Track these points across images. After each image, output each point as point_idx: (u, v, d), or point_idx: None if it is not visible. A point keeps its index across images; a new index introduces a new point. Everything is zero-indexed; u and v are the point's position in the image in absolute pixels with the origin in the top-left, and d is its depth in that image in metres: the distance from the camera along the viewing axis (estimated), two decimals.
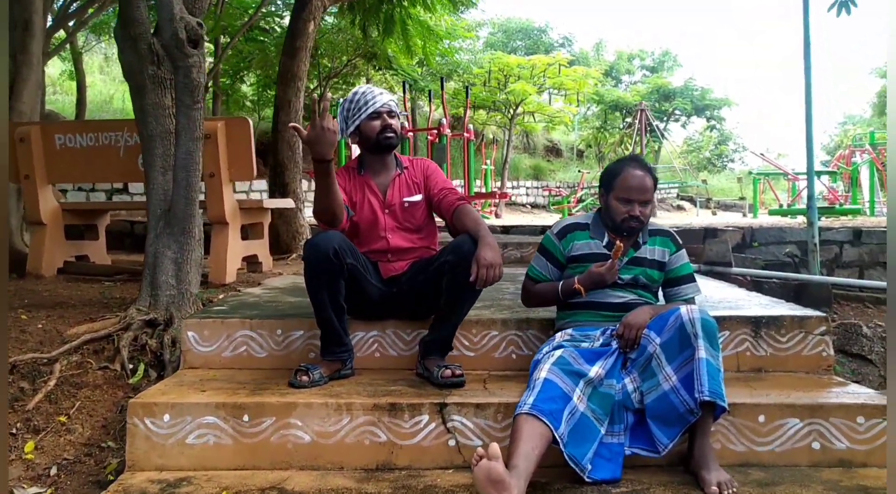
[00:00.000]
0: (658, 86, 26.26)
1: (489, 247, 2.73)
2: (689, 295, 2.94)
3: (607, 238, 2.90)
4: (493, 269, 2.68)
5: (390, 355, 3.18)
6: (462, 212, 3.01)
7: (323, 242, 2.79)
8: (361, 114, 3.08)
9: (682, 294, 2.94)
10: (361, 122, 3.09)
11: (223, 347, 3.18)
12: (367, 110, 3.07)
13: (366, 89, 3.14)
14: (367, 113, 3.07)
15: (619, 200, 2.83)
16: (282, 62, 7.07)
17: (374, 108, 3.07)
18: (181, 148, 3.79)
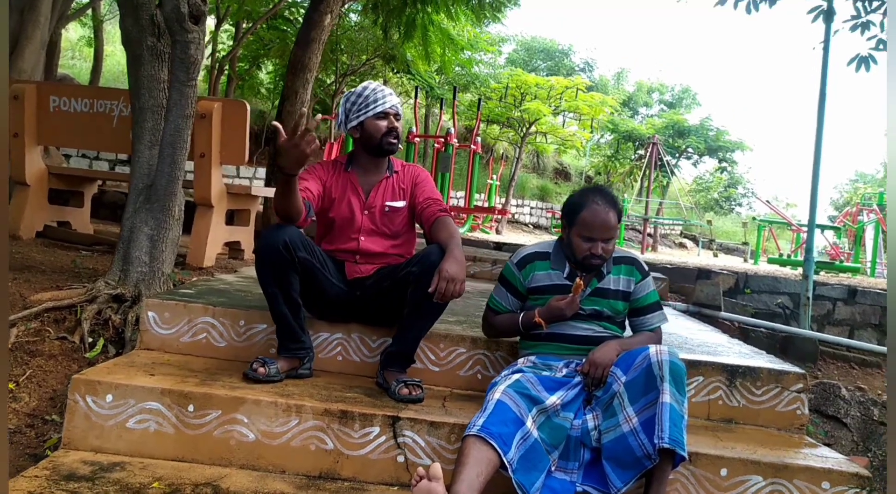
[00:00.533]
0: (674, 122, 26.19)
1: (454, 261, 2.62)
2: (655, 325, 2.85)
3: (568, 269, 2.77)
4: (453, 284, 2.57)
5: (353, 360, 3.08)
6: (440, 224, 2.91)
7: (274, 234, 2.71)
8: (368, 111, 2.98)
9: (648, 324, 2.84)
10: (367, 119, 2.99)
11: (182, 332, 3.08)
12: (376, 108, 2.98)
13: (376, 86, 3.05)
14: (375, 111, 2.98)
15: (581, 237, 2.68)
16: (294, 52, 6.99)
17: (382, 108, 2.98)
18: (170, 124, 3.70)
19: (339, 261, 3.03)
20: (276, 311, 2.80)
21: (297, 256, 2.74)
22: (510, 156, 22.48)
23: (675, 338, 3.71)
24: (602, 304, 2.77)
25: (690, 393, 3.03)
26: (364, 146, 3.04)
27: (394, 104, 3.01)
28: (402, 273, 2.82)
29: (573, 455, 2.47)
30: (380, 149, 3.02)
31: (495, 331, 2.96)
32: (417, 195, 3.05)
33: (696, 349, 3.41)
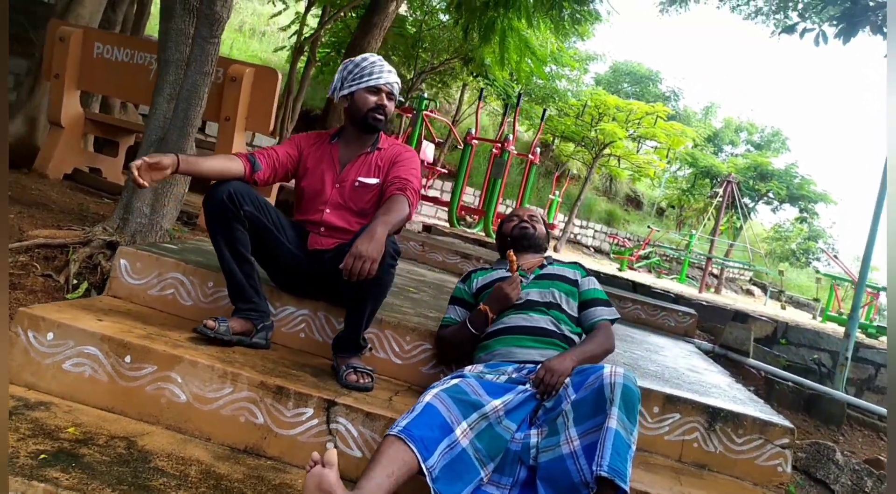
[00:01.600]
0: (757, 164, 25.28)
1: (368, 238, 2.43)
2: (605, 318, 2.75)
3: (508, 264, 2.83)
4: (360, 261, 2.38)
5: (315, 339, 2.96)
6: (388, 201, 2.73)
7: (219, 186, 2.65)
8: (361, 83, 2.86)
9: (595, 316, 2.77)
10: (357, 91, 2.88)
11: (151, 284, 3.02)
12: (369, 81, 2.86)
13: (376, 60, 2.93)
14: (368, 84, 2.86)
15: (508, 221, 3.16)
16: (354, 35, 6.98)
17: (375, 82, 2.86)
18: (188, 79, 3.67)
19: (304, 231, 2.92)
20: (224, 266, 2.72)
21: (242, 209, 2.65)
22: (582, 176, 22.12)
23: (670, 372, 3.46)
24: (548, 285, 2.78)
25: (663, 431, 2.81)
26: (351, 118, 2.93)
27: (389, 82, 2.88)
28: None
29: (509, 470, 2.28)
30: (364, 123, 2.90)
31: (448, 347, 2.85)
32: (389, 173, 2.90)
33: (684, 385, 3.16)
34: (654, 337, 5.01)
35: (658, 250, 21.81)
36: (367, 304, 2.65)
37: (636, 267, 19.35)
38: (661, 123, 18.89)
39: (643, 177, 23.04)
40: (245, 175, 2.76)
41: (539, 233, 3.03)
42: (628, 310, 5.67)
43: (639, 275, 16.05)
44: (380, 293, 2.67)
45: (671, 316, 5.63)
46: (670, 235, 23.94)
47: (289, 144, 2.97)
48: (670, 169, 27.69)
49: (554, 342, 2.63)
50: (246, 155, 2.80)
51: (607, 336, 2.68)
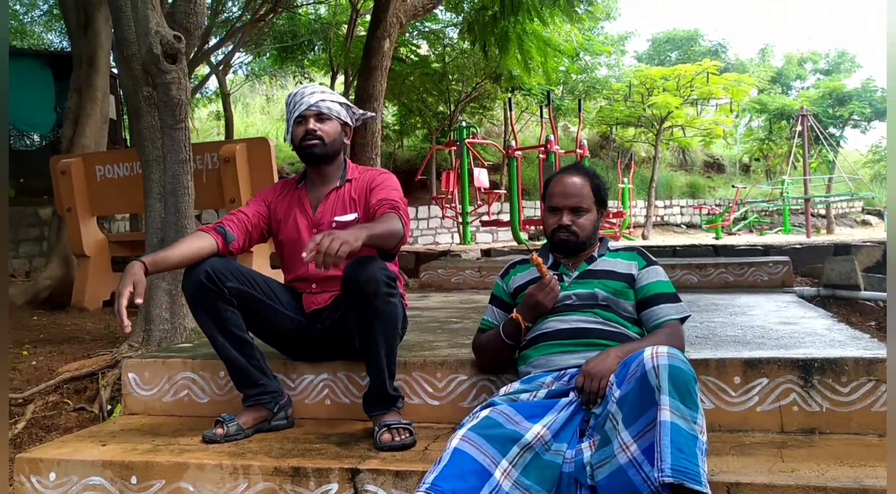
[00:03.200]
0: (831, 90, 23.79)
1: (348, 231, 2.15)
2: (672, 317, 2.27)
3: (552, 259, 2.38)
4: (330, 240, 2.05)
5: (342, 402, 2.69)
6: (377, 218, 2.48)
7: (195, 268, 2.42)
8: (291, 120, 2.65)
9: (662, 315, 2.28)
10: (292, 129, 2.65)
11: (164, 391, 2.83)
12: (294, 114, 2.63)
13: (298, 91, 2.67)
14: (294, 117, 2.63)
15: (548, 211, 2.38)
16: (358, 83, 6.85)
17: (298, 112, 2.61)
18: (168, 172, 3.56)
19: (297, 293, 2.67)
20: (220, 353, 2.49)
21: (226, 287, 2.42)
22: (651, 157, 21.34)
23: (754, 332, 3.01)
24: (591, 285, 2.31)
25: (753, 402, 2.37)
26: (297, 153, 2.70)
27: (311, 104, 2.60)
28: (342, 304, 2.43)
29: None
30: (302, 155, 2.66)
31: (482, 354, 2.51)
32: (371, 200, 2.62)
33: (769, 343, 2.71)
34: (745, 297, 4.50)
35: (753, 207, 20.67)
36: (379, 345, 2.36)
37: (734, 232, 18.34)
38: (715, 79, 18.00)
39: (715, 139, 22.01)
40: (219, 249, 2.53)
41: (584, 237, 2.36)
42: (713, 276, 5.17)
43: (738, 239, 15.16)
44: (387, 327, 2.35)
45: (761, 270, 5.09)
46: (760, 188, 22.68)
47: (256, 202, 2.76)
48: (742, 122, 26.47)
49: (600, 342, 2.22)
50: (213, 227, 2.58)
51: (673, 335, 2.21)
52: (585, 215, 2.35)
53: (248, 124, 21.87)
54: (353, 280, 2.29)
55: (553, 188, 2.39)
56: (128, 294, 2.27)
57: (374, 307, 2.29)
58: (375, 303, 2.29)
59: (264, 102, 25.33)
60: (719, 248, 6.25)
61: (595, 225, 2.41)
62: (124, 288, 2.27)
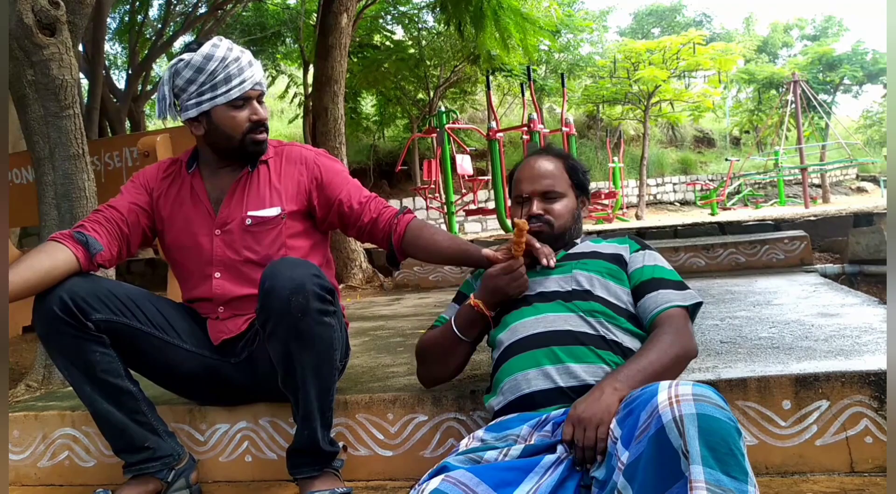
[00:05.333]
0: (820, 55, 23.17)
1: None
2: (674, 303, 1.65)
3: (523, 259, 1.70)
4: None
5: (267, 459, 2.05)
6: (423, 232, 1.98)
7: (47, 295, 1.74)
8: (217, 95, 1.88)
9: (662, 301, 1.66)
10: (215, 107, 1.90)
11: (38, 454, 2.18)
12: (231, 92, 1.88)
13: (226, 53, 1.89)
14: (230, 96, 1.88)
15: (515, 202, 1.88)
16: (316, 65, 6.19)
17: (240, 91, 1.89)
18: (58, 170, 2.91)
19: (201, 319, 2.01)
20: (90, 407, 1.84)
21: (89, 320, 1.75)
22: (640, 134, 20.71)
23: (793, 329, 2.38)
24: (570, 267, 1.74)
25: (810, 434, 1.75)
26: (213, 146, 1.98)
27: (257, 81, 1.93)
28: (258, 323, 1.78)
29: None
30: (241, 153, 1.96)
31: (426, 355, 1.87)
32: (338, 199, 1.99)
33: (819, 347, 2.08)
34: (762, 281, 3.87)
35: (747, 180, 20.09)
36: (308, 383, 1.73)
37: (729, 206, 17.74)
38: (701, 50, 17.35)
39: (704, 113, 21.37)
40: (80, 265, 1.83)
41: (560, 226, 1.83)
42: (722, 259, 4.55)
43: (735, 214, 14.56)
44: (319, 358, 1.73)
45: (776, 248, 4.47)
46: (753, 160, 22.08)
47: (132, 190, 2.03)
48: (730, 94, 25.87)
49: (586, 351, 1.59)
50: (69, 233, 1.87)
51: (677, 332, 1.58)
52: (560, 200, 1.83)
53: None
54: (272, 291, 1.66)
55: (518, 174, 1.89)
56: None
57: (301, 330, 1.67)
58: (302, 325, 1.67)
59: None
60: (725, 226, 5.63)
61: (574, 213, 1.85)
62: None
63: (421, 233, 1.97)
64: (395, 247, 1.98)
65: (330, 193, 2.01)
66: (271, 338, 1.71)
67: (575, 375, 1.55)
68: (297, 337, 1.68)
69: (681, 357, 1.55)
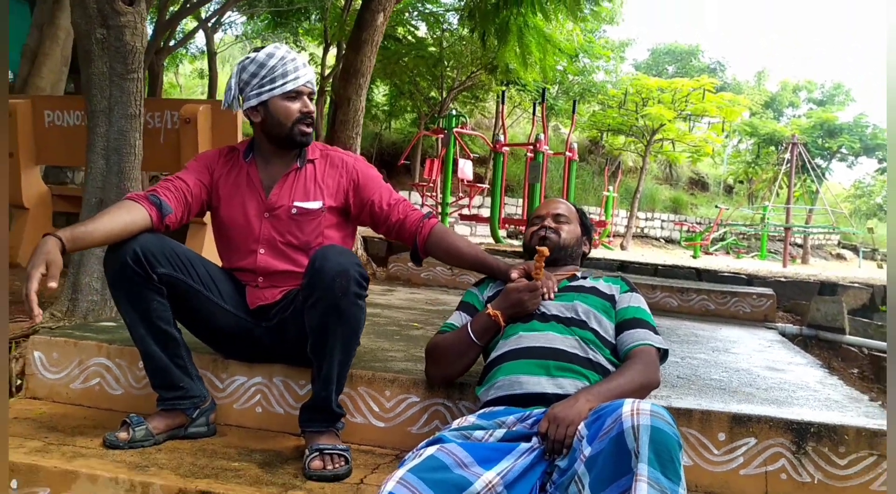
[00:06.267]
0: (822, 121, 23.71)
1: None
2: (647, 341, 1.99)
3: None
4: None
5: (275, 412, 2.36)
6: (446, 236, 2.33)
7: (122, 246, 2.05)
8: (275, 88, 2.21)
9: (636, 339, 2.01)
10: (272, 98, 2.23)
11: (73, 376, 2.48)
12: (286, 85, 2.21)
13: (285, 54, 2.24)
14: (285, 89, 2.21)
15: (531, 224, 2.33)
16: (345, 56, 6.49)
17: (294, 85, 2.22)
18: (113, 126, 3.20)
19: (240, 285, 2.32)
20: (140, 347, 2.15)
21: (155, 272, 2.06)
22: (638, 167, 21.12)
23: (742, 377, 2.73)
24: (572, 298, 2.09)
25: (737, 463, 2.09)
26: (268, 134, 2.29)
27: (309, 80, 2.26)
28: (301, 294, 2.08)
29: None
30: (290, 140, 2.27)
31: (439, 355, 2.17)
32: (370, 199, 2.32)
33: (759, 394, 2.43)
34: (726, 329, 4.23)
35: (732, 229, 20.58)
36: (335, 352, 2.03)
37: (712, 251, 18.21)
38: (710, 97, 17.78)
39: (703, 157, 21.82)
40: (153, 223, 2.15)
41: (566, 240, 2.25)
42: (694, 303, 4.91)
43: (715, 260, 14.99)
44: (348, 333, 2.04)
45: (745, 301, 4.83)
46: (742, 211, 22.62)
47: (197, 168, 2.34)
48: (730, 143, 26.36)
49: (575, 369, 1.92)
50: (145, 195, 2.18)
51: (646, 365, 1.93)
52: (568, 225, 2.30)
53: None
54: (321, 271, 1.96)
55: (539, 207, 2.39)
56: (38, 276, 1.88)
57: (340, 307, 1.98)
58: (342, 303, 1.97)
59: None
60: (702, 272, 5.99)
61: (577, 240, 2.30)
62: (34, 268, 1.88)
63: (443, 238, 2.29)
64: (419, 247, 2.31)
65: (364, 195, 2.33)
66: (311, 310, 2.01)
67: (561, 386, 1.88)
68: (335, 313, 1.98)
69: (645, 385, 1.89)
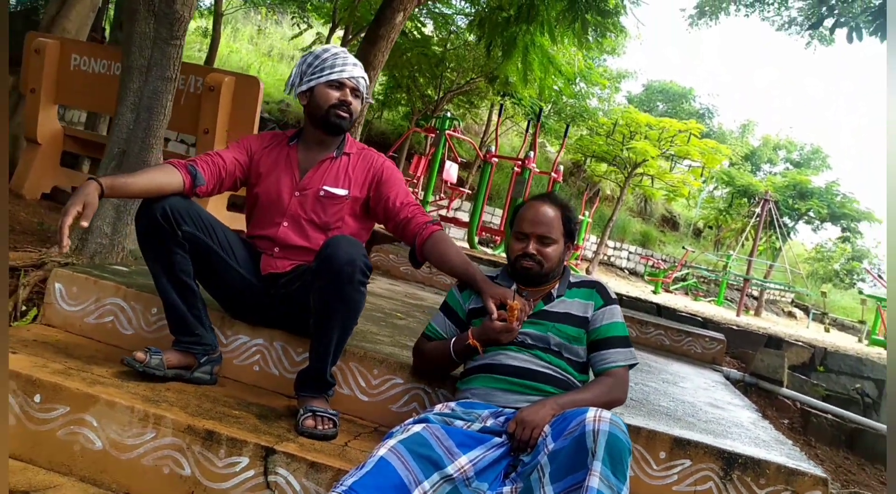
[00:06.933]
0: (796, 182, 24.42)
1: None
2: (619, 364, 2.24)
3: (515, 287, 2.34)
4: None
5: (271, 373, 2.60)
6: (442, 243, 2.50)
7: (153, 203, 2.29)
8: (322, 76, 2.50)
9: (611, 360, 2.25)
10: (318, 85, 2.51)
11: (88, 311, 2.69)
12: (331, 74, 2.50)
13: (339, 51, 2.56)
14: (329, 78, 2.50)
15: (515, 237, 2.34)
16: (361, 47, 6.69)
17: (338, 75, 2.50)
18: (149, 85, 3.39)
19: (256, 252, 2.56)
20: (162, 295, 2.38)
21: (181, 230, 2.31)
22: (615, 196, 21.59)
23: (686, 408, 3.03)
24: (546, 327, 2.25)
25: (671, 480, 2.38)
26: (311, 117, 2.57)
27: (354, 75, 2.53)
28: (310, 273, 2.33)
29: None
30: (326, 123, 2.53)
31: (424, 361, 2.44)
32: (387, 195, 2.57)
33: (699, 424, 2.73)
34: (677, 365, 4.55)
35: (695, 272, 21.14)
36: (334, 330, 2.28)
37: (672, 290, 18.71)
38: (695, 141, 18.29)
39: (679, 197, 22.40)
40: (185, 189, 2.40)
41: (548, 267, 2.30)
42: (651, 336, 5.23)
43: (674, 298, 15.48)
44: (349, 315, 2.29)
45: (697, 342, 5.17)
46: (707, 256, 23.23)
47: (237, 148, 2.61)
48: (707, 188, 26.95)
49: (544, 388, 2.19)
50: (185, 164, 2.43)
51: (616, 384, 2.20)
52: (552, 245, 2.29)
53: (232, 50, 21.27)
54: (331, 257, 2.20)
55: (524, 213, 2.34)
56: (75, 212, 2.11)
57: (345, 292, 2.22)
58: (347, 289, 2.21)
59: (254, 33, 24.72)
60: (662, 309, 6.32)
61: (561, 257, 2.35)
62: (72, 206, 2.12)
63: (439, 245, 2.51)
64: (416, 248, 2.55)
65: (383, 190, 2.58)
66: (319, 291, 2.25)
67: (531, 402, 2.13)
68: (339, 297, 2.23)
69: (609, 403, 2.16)
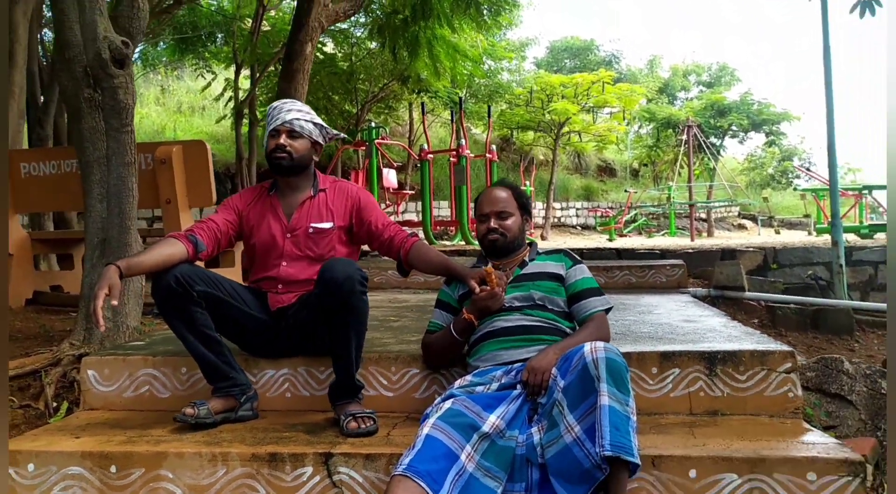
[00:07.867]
0: (713, 102, 25.36)
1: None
2: (598, 309, 2.64)
3: (490, 264, 2.73)
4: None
5: (302, 395, 2.90)
6: (422, 250, 2.88)
7: (164, 274, 2.60)
8: (268, 131, 2.89)
9: (586, 309, 2.65)
10: (266, 133, 2.90)
11: (124, 387, 2.96)
12: (269, 127, 2.89)
13: (278, 104, 2.94)
14: (269, 130, 2.89)
15: (478, 220, 2.78)
16: (279, 85, 6.97)
17: (274, 125, 2.87)
18: (112, 174, 3.64)
19: (262, 293, 2.87)
20: (191, 351, 2.68)
21: (194, 290, 2.61)
22: (549, 160, 22.12)
23: (665, 329, 3.42)
24: (527, 287, 2.65)
25: (667, 389, 2.75)
26: (266, 159, 2.94)
27: (285, 120, 2.86)
28: (314, 297, 2.66)
29: (519, 476, 2.22)
30: (271, 166, 2.90)
31: (433, 352, 2.80)
32: (368, 221, 2.93)
33: (679, 338, 3.12)
34: (648, 297, 4.96)
35: (642, 211, 21.81)
36: (351, 338, 2.61)
37: (626, 233, 19.32)
38: (609, 88, 18.92)
39: (608, 145, 23.09)
40: (189, 256, 2.73)
41: (511, 237, 2.72)
42: (618, 278, 5.64)
43: (629, 240, 16.03)
44: (358, 322, 2.63)
45: (661, 272, 5.59)
46: (649, 193, 23.95)
47: (225, 210, 2.95)
48: (632, 129, 27.74)
49: (541, 338, 2.56)
50: (185, 235, 2.77)
51: (599, 326, 2.59)
52: (510, 218, 2.71)
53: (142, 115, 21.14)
54: (332, 279, 2.52)
55: (481, 199, 2.78)
56: (103, 295, 2.43)
57: (350, 304, 2.55)
58: (351, 301, 2.55)
59: (159, 93, 24.58)
60: (621, 252, 6.75)
61: (520, 227, 2.77)
62: (100, 290, 2.43)
63: (419, 252, 2.89)
64: (402, 260, 2.91)
65: (363, 216, 2.94)
66: (328, 308, 2.58)
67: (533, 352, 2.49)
68: (345, 308, 2.56)
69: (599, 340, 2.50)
